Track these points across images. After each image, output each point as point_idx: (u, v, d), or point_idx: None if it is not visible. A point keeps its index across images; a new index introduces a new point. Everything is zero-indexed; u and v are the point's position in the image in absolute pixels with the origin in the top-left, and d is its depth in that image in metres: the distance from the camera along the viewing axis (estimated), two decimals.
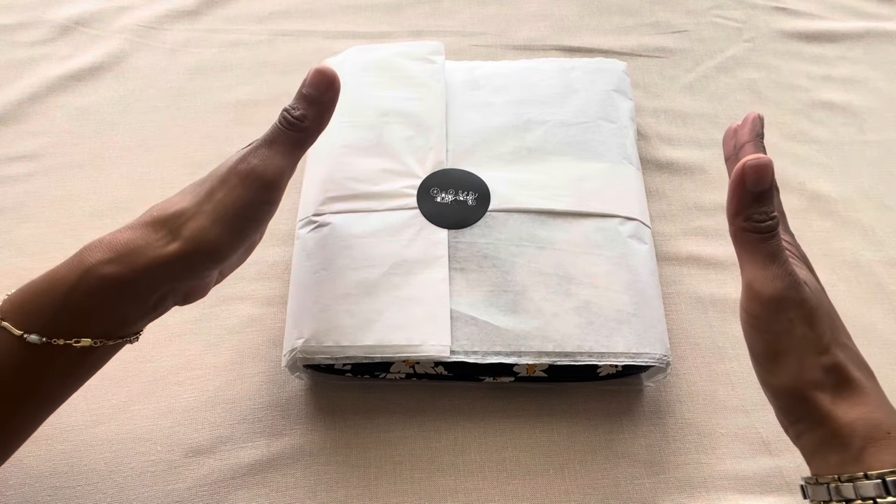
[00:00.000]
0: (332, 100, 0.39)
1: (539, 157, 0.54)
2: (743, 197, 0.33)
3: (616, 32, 0.72)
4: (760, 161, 0.33)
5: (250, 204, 0.37)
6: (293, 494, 0.46)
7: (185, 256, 0.35)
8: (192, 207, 0.36)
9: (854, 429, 0.32)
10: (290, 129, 0.38)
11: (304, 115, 0.38)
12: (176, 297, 0.38)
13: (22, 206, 0.58)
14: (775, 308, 0.33)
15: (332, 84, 0.39)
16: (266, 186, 0.37)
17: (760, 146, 0.39)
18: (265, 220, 0.38)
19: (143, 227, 0.36)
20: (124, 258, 0.34)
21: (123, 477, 0.46)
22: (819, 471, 0.33)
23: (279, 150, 0.38)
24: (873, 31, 0.73)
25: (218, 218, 0.36)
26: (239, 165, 0.37)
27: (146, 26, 0.71)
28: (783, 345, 0.33)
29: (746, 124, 0.40)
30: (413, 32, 0.71)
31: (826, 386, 0.33)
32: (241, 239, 0.37)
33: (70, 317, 0.34)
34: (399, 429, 0.49)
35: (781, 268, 0.33)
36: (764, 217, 0.33)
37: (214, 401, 0.50)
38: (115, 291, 0.34)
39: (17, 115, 0.64)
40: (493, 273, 0.48)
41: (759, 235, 0.34)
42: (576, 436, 0.49)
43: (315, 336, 0.46)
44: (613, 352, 0.46)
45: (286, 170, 0.38)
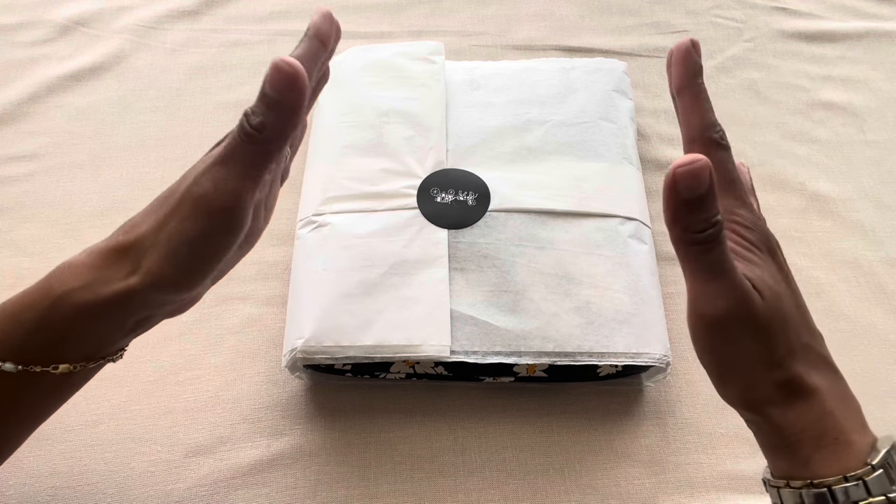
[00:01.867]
0: (296, 101, 0.31)
1: (539, 157, 0.54)
2: (677, 206, 0.29)
3: (616, 32, 0.72)
4: (693, 166, 0.28)
5: (203, 237, 0.32)
6: (293, 494, 0.46)
7: (146, 289, 0.32)
8: (149, 236, 0.32)
9: (803, 436, 0.31)
10: (247, 142, 0.31)
11: (262, 123, 0.31)
12: (158, 318, 0.36)
13: (22, 206, 0.58)
14: (720, 328, 0.31)
15: (295, 82, 0.30)
16: (219, 215, 0.32)
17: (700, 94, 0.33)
18: (228, 247, 0.33)
19: (108, 253, 0.33)
20: (92, 287, 0.32)
21: (123, 477, 0.46)
22: (773, 471, 0.33)
23: (235, 170, 0.32)
24: (873, 31, 0.73)
25: (171, 252, 0.32)
26: (192, 188, 0.32)
27: (146, 26, 0.71)
28: (730, 363, 0.31)
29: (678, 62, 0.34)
30: (413, 32, 0.71)
31: (776, 399, 0.31)
32: (204, 268, 0.33)
33: (45, 344, 0.32)
34: (399, 429, 0.49)
35: (726, 282, 0.30)
36: (704, 225, 0.29)
37: (214, 401, 0.50)
38: (88, 318, 0.32)
39: (17, 115, 0.64)
40: (493, 273, 0.48)
41: (699, 247, 0.30)
42: (576, 436, 0.49)
43: (315, 336, 0.46)
44: (613, 352, 0.46)
45: (244, 192, 0.32)
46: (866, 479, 0.29)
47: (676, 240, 0.30)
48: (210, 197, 0.32)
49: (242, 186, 0.32)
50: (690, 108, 0.33)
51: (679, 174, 0.28)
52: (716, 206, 0.29)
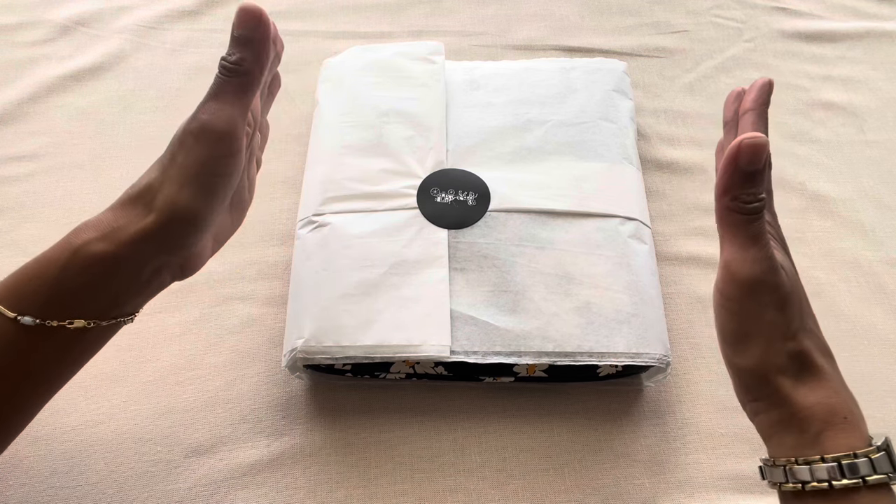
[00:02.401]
0: (264, 35, 0.37)
1: (539, 157, 0.54)
2: (734, 175, 0.33)
3: (616, 32, 0.72)
4: (757, 140, 0.32)
5: (210, 159, 0.36)
6: (293, 494, 0.46)
7: (164, 226, 0.35)
8: (158, 177, 0.36)
9: (812, 413, 0.32)
10: (231, 76, 0.36)
11: (241, 58, 0.36)
12: (171, 270, 0.38)
13: (22, 206, 0.58)
14: (750, 291, 0.33)
15: (260, 18, 0.36)
16: (221, 138, 0.36)
17: (764, 117, 0.38)
18: (232, 172, 0.37)
19: (122, 206, 0.36)
20: (110, 236, 0.35)
21: (123, 477, 0.46)
22: (776, 452, 0.34)
23: (226, 100, 0.36)
24: (873, 31, 0.73)
25: (184, 181, 0.35)
26: (191, 125, 0.36)
27: (146, 26, 0.71)
28: (753, 327, 0.34)
29: (754, 90, 0.39)
30: (413, 32, 0.71)
31: (789, 370, 0.33)
32: (213, 197, 0.36)
33: (63, 297, 0.34)
34: (399, 429, 0.49)
35: (762, 251, 0.33)
36: (752, 198, 0.33)
37: (214, 401, 0.50)
38: (106, 268, 0.35)
39: (17, 115, 0.64)
40: (493, 273, 0.48)
41: (744, 217, 0.33)
42: (576, 436, 0.49)
43: (315, 336, 0.46)
44: (613, 352, 0.46)
45: (237, 118, 0.36)
46: (872, 457, 0.31)
47: (724, 208, 0.33)
48: (210, 125, 0.36)
49: (235, 112, 0.36)
50: (750, 125, 0.38)
51: (745, 146, 0.32)
52: (763, 184, 0.33)
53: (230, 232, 0.43)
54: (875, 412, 0.35)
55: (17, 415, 0.37)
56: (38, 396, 0.37)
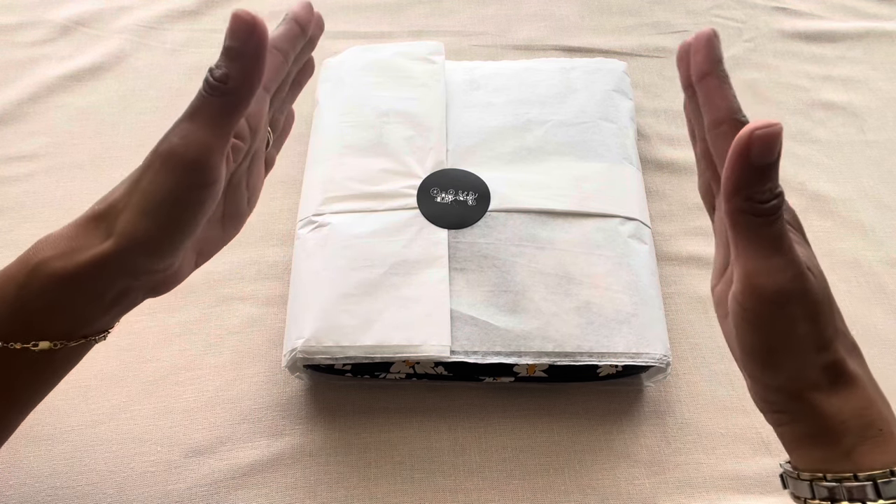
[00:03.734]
0: (257, 49, 0.31)
1: (539, 157, 0.54)
2: (744, 171, 0.27)
3: (616, 32, 0.72)
4: (771, 129, 0.27)
5: (175, 189, 0.31)
6: (293, 494, 0.46)
7: (122, 252, 0.32)
8: (122, 199, 0.32)
9: (847, 426, 0.30)
10: (212, 94, 0.31)
11: (225, 74, 0.31)
12: (141, 291, 0.35)
13: (22, 206, 0.58)
14: (778, 304, 0.29)
15: (254, 29, 0.30)
16: (189, 168, 0.31)
17: (725, 77, 0.32)
18: (202, 203, 0.33)
19: (85, 222, 0.33)
20: (68, 255, 0.32)
21: (123, 477, 0.46)
22: (801, 463, 0.31)
23: (202, 123, 0.31)
24: (873, 31, 0.73)
25: (144, 209, 0.32)
26: (160, 146, 0.32)
27: (146, 26, 0.71)
28: (782, 343, 0.30)
29: (699, 49, 0.32)
30: (413, 32, 0.71)
31: (822, 384, 0.30)
32: (177, 228, 0.32)
33: (24, 318, 0.32)
34: (399, 429, 0.49)
35: (785, 257, 0.29)
36: (768, 195, 0.28)
37: (214, 401, 0.49)
38: (65, 289, 0.32)
39: (17, 115, 0.64)
40: (493, 273, 0.48)
41: (761, 219, 0.28)
42: (576, 436, 0.49)
43: (315, 336, 0.46)
44: (613, 352, 0.46)
45: (213, 145, 0.31)
46: None
47: (737, 210, 0.29)
48: (179, 151, 0.31)
49: (211, 138, 0.31)
50: (716, 91, 0.32)
51: (756, 137, 0.27)
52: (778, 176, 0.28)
53: (221, 244, 0.39)
54: None
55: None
56: (11, 416, 0.35)
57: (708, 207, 0.37)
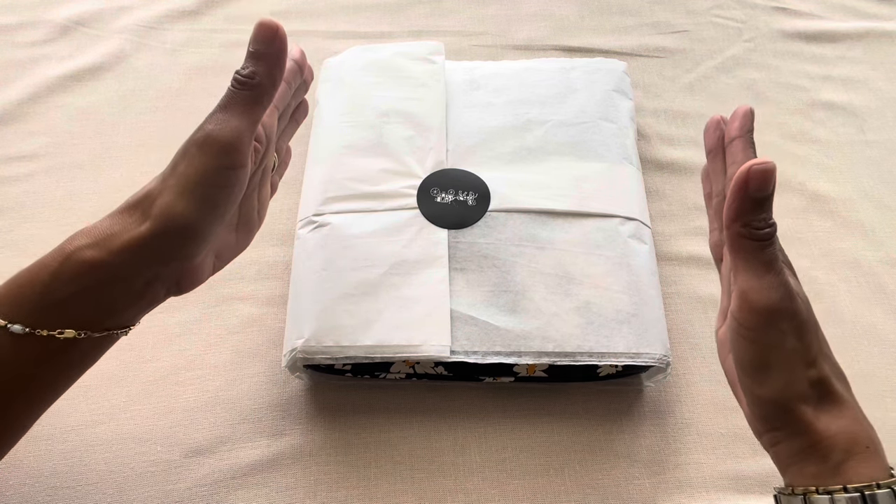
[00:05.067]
0: (279, 50, 0.37)
1: (539, 157, 0.54)
2: (744, 202, 0.32)
3: (616, 32, 0.72)
4: (766, 166, 0.32)
5: (212, 170, 0.35)
6: (293, 494, 0.46)
7: (158, 235, 0.34)
8: (158, 186, 0.35)
9: (835, 442, 0.32)
10: (242, 89, 0.36)
11: (253, 72, 0.36)
12: (166, 284, 0.37)
13: (22, 206, 0.58)
14: (769, 319, 0.33)
15: (277, 33, 0.37)
16: (224, 150, 0.35)
17: (752, 143, 0.38)
18: (233, 185, 0.36)
19: (120, 213, 0.36)
20: (102, 243, 0.34)
21: (123, 477, 0.46)
22: (794, 481, 0.33)
23: (234, 112, 0.36)
24: (873, 31, 0.73)
25: (182, 190, 0.35)
26: (196, 135, 0.36)
27: (146, 26, 0.71)
28: (773, 357, 0.33)
29: (736, 119, 0.39)
30: (413, 32, 0.71)
31: (811, 398, 0.33)
32: (212, 209, 0.36)
33: (53, 305, 0.34)
34: (399, 429, 0.49)
35: (777, 277, 0.33)
36: (763, 224, 0.32)
37: (214, 401, 0.50)
38: (97, 276, 0.34)
39: (17, 115, 0.64)
40: (493, 273, 0.48)
41: (757, 243, 0.33)
42: (576, 436, 0.49)
43: (315, 336, 0.46)
44: (613, 352, 0.46)
45: (244, 131, 0.36)
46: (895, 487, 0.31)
47: (736, 235, 0.33)
48: (214, 135, 0.35)
49: (242, 124, 0.36)
50: (742, 152, 0.38)
51: (754, 172, 0.31)
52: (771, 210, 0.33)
53: (235, 252, 0.42)
54: (875, 412, 0.34)
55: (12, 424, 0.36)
56: (33, 407, 0.36)
57: (716, 260, 0.41)
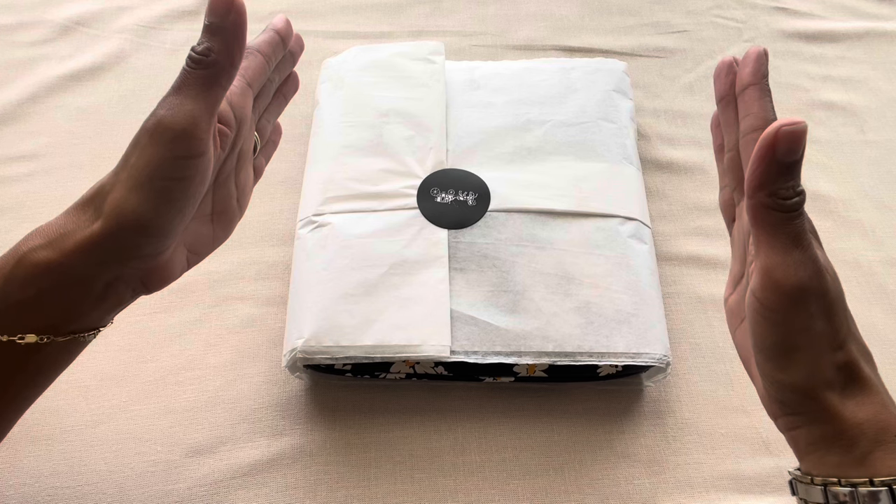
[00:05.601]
0: (236, 23, 0.32)
1: (539, 157, 0.54)
2: (770, 167, 0.28)
3: (616, 32, 0.72)
4: (797, 127, 0.28)
5: (165, 161, 0.32)
6: (293, 494, 0.46)
7: (111, 233, 0.32)
8: (111, 180, 0.33)
9: (861, 430, 0.30)
10: (197, 68, 0.32)
11: (208, 48, 0.32)
12: (131, 284, 0.34)
13: (22, 206, 0.58)
14: (795, 300, 0.29)
15: (231, 5, 0.32)
16: (178, 137, 0.32)
17: (768, 90, 0.34)
18: (192, 177, 0.33)
19: (73, 210, 0.33)
20: (55, 243, 0.32)
21: (123, 477, 0.46)
22: (813, 469, 0.31)
23: (188, 94, 0.32)
24: (873, 31, 0.73)
25: (134, 185, 0.32)
26: (147, 122, 0.32)
27: (146, 26, 0.71)
28: (799, 340, 0.30)
29: (749, 62, 0.34)
30: (413, 32, 0.71)
31: (836, 384, 0.30)
32: (168, 203, 0.32)
33: (9, 309, 0.32)
34: (399, 429, 0.49)
35: (805, 252, 0.29)
36: (791, 192, 0.29)
37: (214, 401, 0.49)
38: (51, 279, 0.32)
39: (17, 115, 0.64)
40: (493, 273, 0.48)
41: (783, 214, 0.29)
42: (576, 436, 0.49)
43: (315, 336, 0.46)
44: (613, 352, 0.46)
45: (200, 115, 0.32)
46: None
47: (760, 205, 0.29)
48: (166, 121, 0.32)
49: (197, 109, 0.32)
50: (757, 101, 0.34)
51: (783, 134, 0.28)
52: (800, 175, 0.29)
53: (213, 244, 0.39)
54: None
55: None
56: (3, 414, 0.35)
57: (727, 220, 0.38)
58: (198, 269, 0.40)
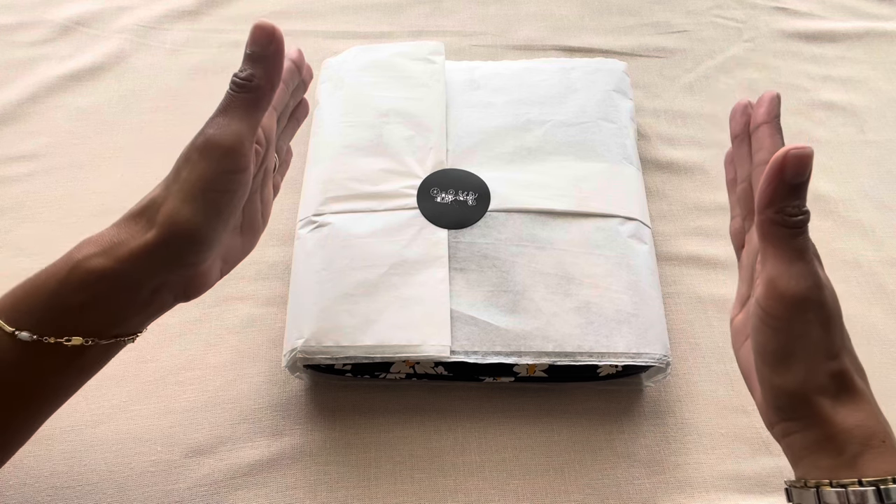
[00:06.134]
0: (277, 51, 0.36)
1: (539, 157, 0.54)
2: (779, 187, 0.31)
3: (616, 32, 0.72)
4: (804, 151, 0.31)
5: (215, 175, 0.35)
6: (293, 494, 0.46)
7: (164, 242, 0.34)
8: (163, 193, 0.35)
9: (851, 435, 0.32)
10: (241, 92, 0.36)
11: (251, 74, 0.36)
12: (174, 291, 0.37)
13: (22, 206, 0.58)
14: (796, 308, 0.32)
15: (273, 35, 0.36)
16: (226, 154, 0.35)
17: (779, 129, 0.37)
18: (236, 190, 0.36)
19: (125, 221, 0.35)
20: (109, 251, 0.34)
21: (123, 477, 0.46)
22: (807, 474, 0.33)
23: (234, 115, 0.36)
24: (873, 31, 0.73)
25: (186, 196, 0.35)
26: (197, 140, 0.36)
27: (146, 26, 0.71)
28: (797, 346, 0.32)
29: (763, 104, 0.38)
30: (413, 32, 0.71)
31: (829, 391, 0.32)
32: (217, 214, 0.36)
33: (61, 313, 0.34)
34: (399, 429, 0.49)
35: (807, 266, 0.32)
36: (797, 211, 0.32)
37: (214, 401, 0.49)
38: (104, 285, 0.34)
39: (17, 115, 0.64)
40: (493, 273, 0.48)
41: (789, 230, 0.32)
42: (576, 436, 0.49)
43: (315, 336, 0.46)
44: (613, 352, 0.46)
45: (244, 134, 0.36)
46: None
47: (768, 221, 0.32)
48: (216, 139, 0.35)
49: (242, 128, 0.36)
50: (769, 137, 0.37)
51: (791, 157, 0.31)
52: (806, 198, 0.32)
53: (241, 255, 0.42)
54: None
55: (16, 429, 0.36)
56: (38, 413, 0.37)
57: (737, 246, 0.41)
58: None
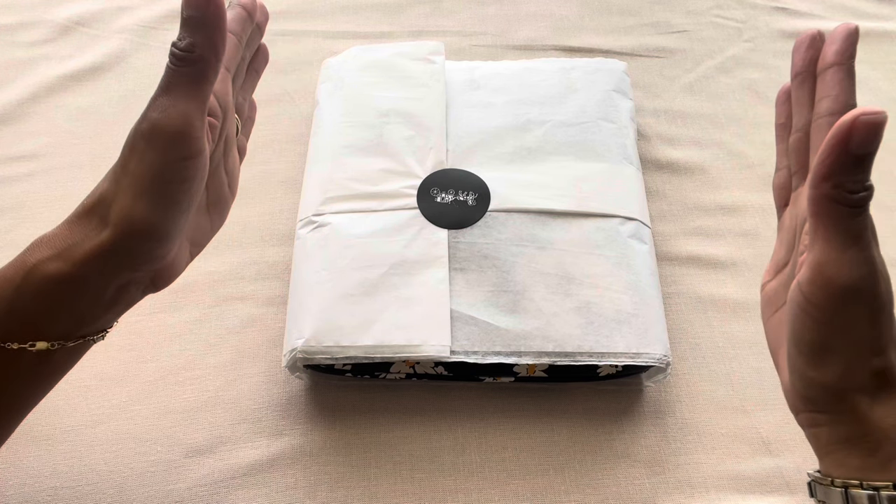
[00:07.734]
0: (216, 16, 0.31)
1: (539, 157, 0.54)
2: (840, 157, 0.26)
3: (616, 32, 0.72)
4: (878, 118, 0.26)
5: (165, 165, 0.31)
6: (293, 494, 0.46)
7: (121, 242, 0.32)
8: (111, 188, 0.32)
9: (887, 435, 0.29)
10: (182, 65, 0.31)
11: (191, 43, 0.31)
12: (141, 285, 0.35)
13: (22, 206, 0.58)
14: (844, 299, 0.28)
15: None
16: (174, 140, 0.31)
17: (851, 74, 0.31)
18: (193, 177, 0.33)
19: (77, 219, 0.33)
20: (64, 254, 0.32)
21: (123, 477, 0.46)
22: (833, 470, 0.31)
23: (178, 94, 0.31)
24: (873, 31, 0.73)
25: (138, 191, 0.31)
26: (141, 126, 0.32)
27: (146, 26, 0.71)
28: (838, 341, 0.29)
29: (837, 39, 0.31)
30: (413, 32, 0.71)
31: (868, 388, 0.29)
32: (173, 206, 0.32)
33: (21, 319, 0.32)
34: (399, 429, 0.49)
35: (862, 252, 0.28)
36: (859, 186, 0.27)
37: (214, 401, 0.49)
38: (63, 290, 0.32)
39: (17, 115, 0.64)
40: (493, 273, 0.48)
41: (847, 209, 0.28)
42: (576, 436, 0.49)
43: (315, 336, 0.46)
44: (613, 352, 0.46)
45: (193, 114, 0.32)
46: None
47: (823, 197, 0.28)
48: (161, 124, 0.31)
49: (189, 107, 0.32)
50: (839, 83, 0.31)
51: (861, 123, 0.26)
52: (870, 171, 0.27)
53: (210, 233, 0.39)
54: None
55: None
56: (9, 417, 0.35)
57: (779, 203, 0.37)
58: (198, 270, 0.40)
